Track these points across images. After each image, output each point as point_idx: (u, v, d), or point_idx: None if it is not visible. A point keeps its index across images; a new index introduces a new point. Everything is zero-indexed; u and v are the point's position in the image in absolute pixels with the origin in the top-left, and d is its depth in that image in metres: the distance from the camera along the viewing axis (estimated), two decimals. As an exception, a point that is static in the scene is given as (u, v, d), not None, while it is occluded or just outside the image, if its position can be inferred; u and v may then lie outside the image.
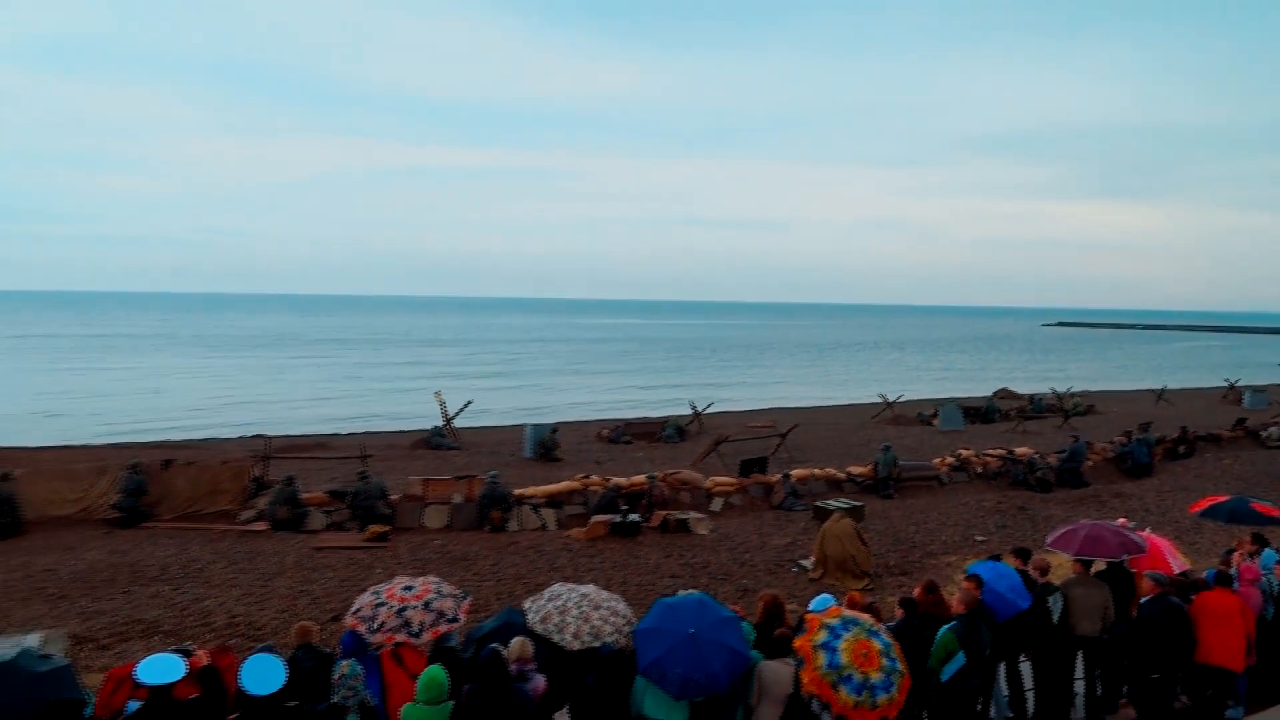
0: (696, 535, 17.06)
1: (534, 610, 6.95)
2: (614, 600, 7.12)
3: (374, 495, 17.52)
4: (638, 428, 34.94)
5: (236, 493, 18.16)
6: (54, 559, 14.36)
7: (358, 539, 16.26)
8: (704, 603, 6.95)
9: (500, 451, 29.55)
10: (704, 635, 6.51)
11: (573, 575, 13.61)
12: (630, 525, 16.91)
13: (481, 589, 13.10)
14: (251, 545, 15.68)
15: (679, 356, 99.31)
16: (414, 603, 7.01)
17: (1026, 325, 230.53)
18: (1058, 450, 24.36)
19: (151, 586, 13.01)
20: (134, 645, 10.57)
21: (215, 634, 10.91)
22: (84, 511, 17.12)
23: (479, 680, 5.92)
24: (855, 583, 13.65)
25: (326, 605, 12.16)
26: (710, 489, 20.22)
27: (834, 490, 21.40)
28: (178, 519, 17.26)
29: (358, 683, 5.95)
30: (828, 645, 6.42)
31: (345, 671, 5.99)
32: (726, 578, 14.19)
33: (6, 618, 11.50)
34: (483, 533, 17.19)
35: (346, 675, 6.00)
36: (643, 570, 14.52)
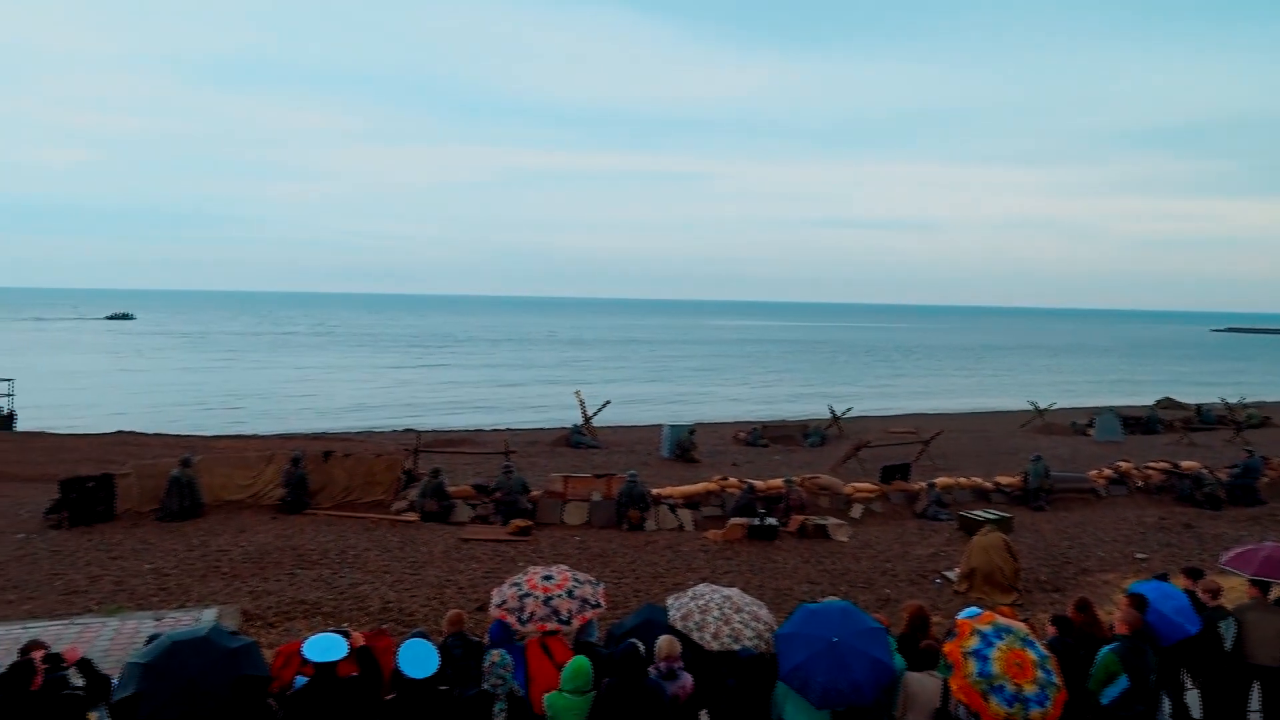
0: (835, 541, 16.78)
1: (676, 607, 7.01)
2: (756, 605, 7.10)
3: (516, 490, 18.04)
4: (775, 430, 34.65)
5: (389, 484, 19.03)
6: (227, 540, 15.41)
7: (502, 532, 16.78)
8: (848, 611, 6.84)
9: (638, 451, 29.86)
10: (847, 644, 6.40)
11: (709, 576, 13.63)
12: (767, 529, 16.80)
13: (620, 586, 13.29)
14: (403, 534, 16.41)
15: (816, 360, 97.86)
16: (558, 591, 7.19)
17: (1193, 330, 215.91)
18: (1228, 465, 22.70)
19: (313, 570, 13.79)
20: (297, 624, 11.22)
21: (370, 618, 11.47)
22: (254, 497, 18.31)
23: (617, 674, 6.03)
24: (1004, 597, 13.12)
25: (472, 595, 12.59)
26: (850, 495, 19.85)
27: (980, 500, 20.64)
28: (335, 507, 18.22)
29: (507, 672, 6.14)
30: (979, 653, 6.20)
31: (496, 660, 6.19)
32: (867, 586, 13.90)
33: (187, 593, 12.44)
34: (620, 531, 17.43)
35: (497, 664, 6.20)
36: (780, 575, 14.40)
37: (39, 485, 19.91)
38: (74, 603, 11.92)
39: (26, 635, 8.80)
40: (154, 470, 17.60)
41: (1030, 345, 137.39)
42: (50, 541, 15.04)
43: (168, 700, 5.47)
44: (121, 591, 12.44)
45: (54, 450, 25.43)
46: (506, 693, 6.10)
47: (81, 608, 11.69)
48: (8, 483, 20.79)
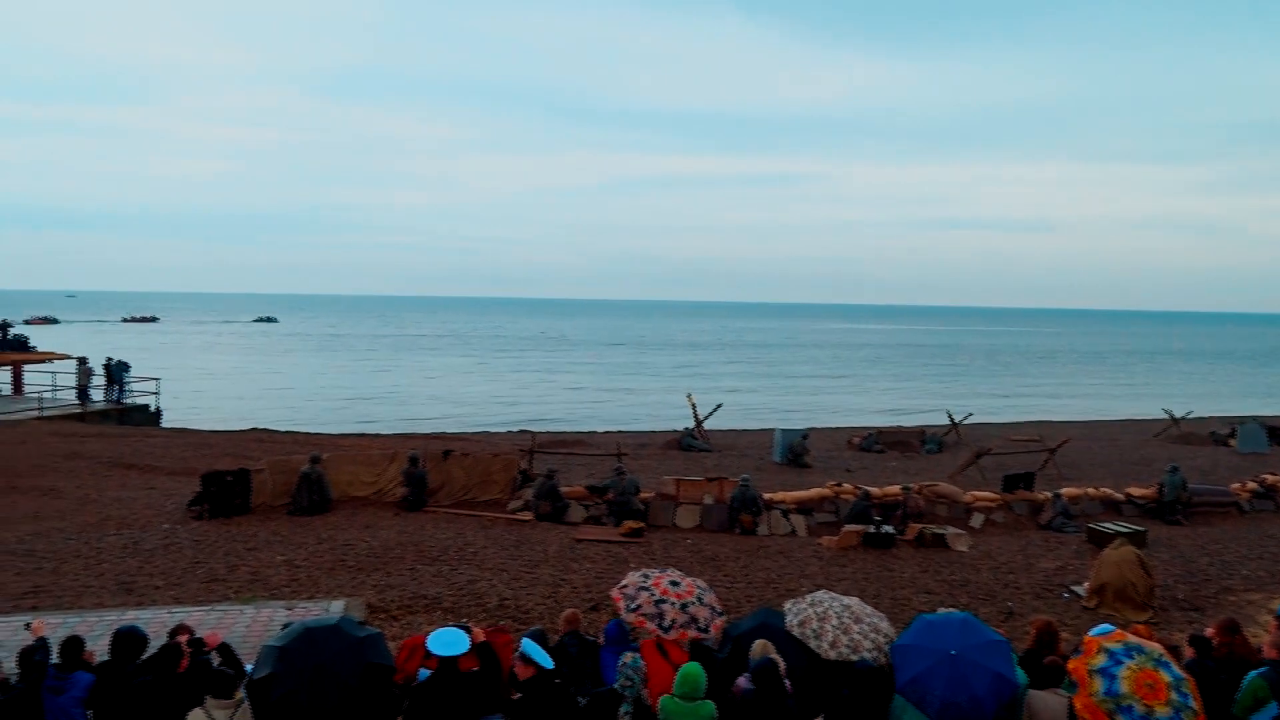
0: (955, 551, 16.31)
1: (794, 612, 6.94)
2: (877, 617, 6.97)
3: (629, 492, 18.18)
4: (891, 436, 33.87)
5: (505, 484, 19.47)
6: (353, 535, 16.03)
7: (614, 533, 16.94)
8: (969, 623, 6.65)
9: (749, 455, 29.68)
10: (967, 657, 6.22)
11: (824, 583, 13.44)
12: (884, 537, 16.46)
13: (732, 591, 13.23)
14: (518, 533, 16.75)
15: (933, 364, 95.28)
16: (674, 599, 7.22)
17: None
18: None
19: (433, 566, 14.21)
20: (419, 618, 11.58)
21: (488, 614, 11.74)
22: (377, 494, 19.00)
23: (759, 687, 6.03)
24: (1137, 614, 12.50)
25: (586, 595, 12.75)
26: (970, 503, 19.26)
27: (1111, 512, 19.73)
28: (454, 505, 18.75)
29: (637, 675, 6.20)
30: (1106, 671, 5.93)
31: (628, 662, 6.27)
32: (988, 598, 13.45)
33: (316, 584, 13.00)
34: (732, 535, 17.37)
35: (629, 665, 6.27)
36: (896, 584, 14.08)
37: (183, 478, 21.16)
38: (214, 590, 12.60)
39: (173, 620, 9.36)
40: (286, 466, 18.48)
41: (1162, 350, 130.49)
42: (192, 532, 15.95)
43: (299, 682, 5.75)
44: (257, 581, 13.09)
45: (196, 445, 26.95)
46: (635, 695, 6.17)
47: (221, 595, 12.35)
48: (155, 475, 22.15)
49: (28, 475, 20.58)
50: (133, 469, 22.64)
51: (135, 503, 18.31)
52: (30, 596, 12.02)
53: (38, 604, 11.62)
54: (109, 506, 17.85)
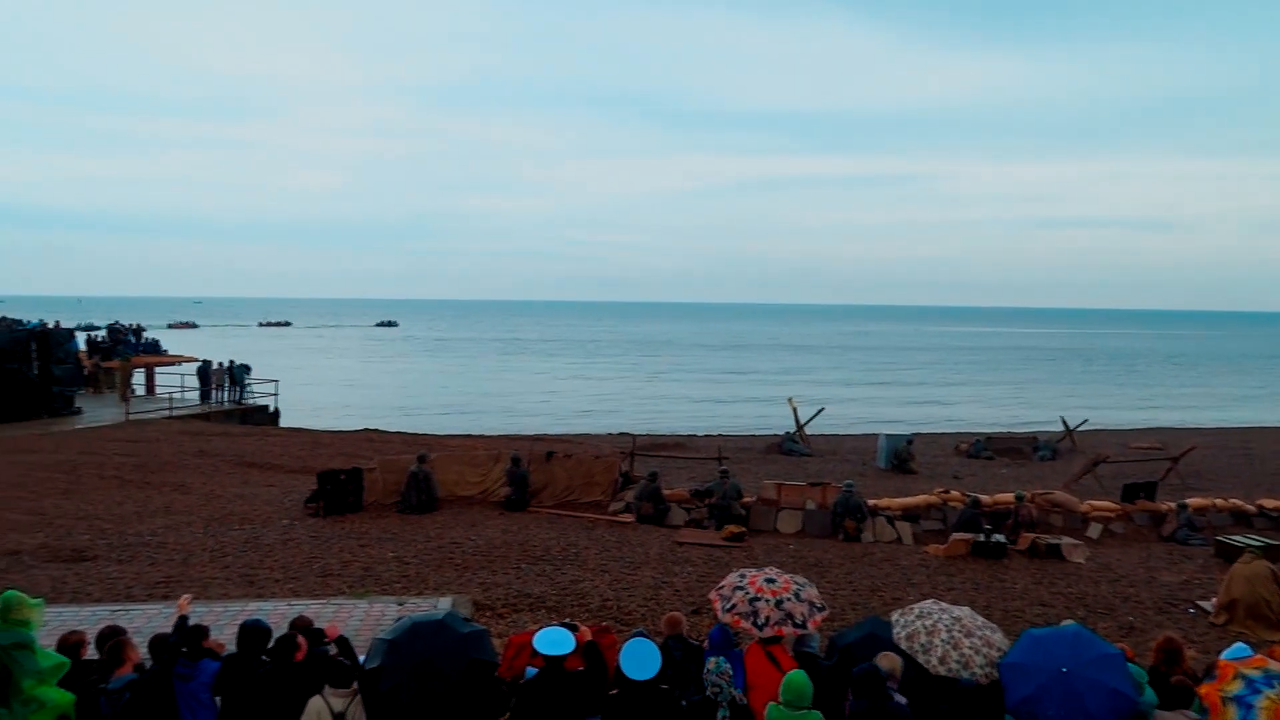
0: (1071, 563, 15.68)
1: (901, 625, 6.77)
2: (989, 629, 6.71)
3: (731, 496, 18.10)
4: (1000, 442, 32.84)
5: (607, 485, 19.62)
6: (459, 534, 16.42)
7: (716, 537, 16.89)
8: (1080, 636, 6.32)
9: (852, 460, 29.21)
10: (1079, 673, 5.92)
11: (930, 592, 13.10)
12: (995, 546, 15.95)
13: (836, 598, 13.02)
14: (620, 535, 16.86)
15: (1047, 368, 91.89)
16: (769, 596, 7.14)
17: None
18: None
19: (537, 565, 14.43)
20: (523, 616, 11.77)
21: (590, 614, 11.84)
22: (482, 494, 19.41)
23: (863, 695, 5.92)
24: (1271, 633, 11.79)
25: (688, 598, 12.74)
26: (1087, 513, 18.50)
27: (1241, 525, 18.64)
28: (556, 506, 19.00)
29: (724, 680, 6.16)
30: (1241, 700, 5.59)
31: (712, 667, 6.24)
32: (1107, 613, 12.89)
33: (425, 581, 13.36)
34: (835, 541, 17.11)
35: (713, 671, 6.25)
36: (1008, 595, 13.62)
37: (299, 476, 22.04)
38: (329, 584, 13.08)
39: (292, 612, 9.76)
40: (395, 465, 19.05)
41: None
42: (309, 528, 16.59)
43: (407, 675, 5.93)
44: (369, 576, 13.53)
45: (311, 444, 28.03)
46: (728, 700, 6.13)
47: (336, 590, 12.81)
48: (275, 473, 23.13)
49: (160, 471, 21.76)
50: (254, 467, 23.70)
51: (256, 499, 19.16)
52: (162, 586, 12.71)
53: (169, 594, 12.26)
54: (232, 502, 18.74)
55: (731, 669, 6.45)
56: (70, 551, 14.49)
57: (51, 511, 17.31)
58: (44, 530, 15.84)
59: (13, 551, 14.35)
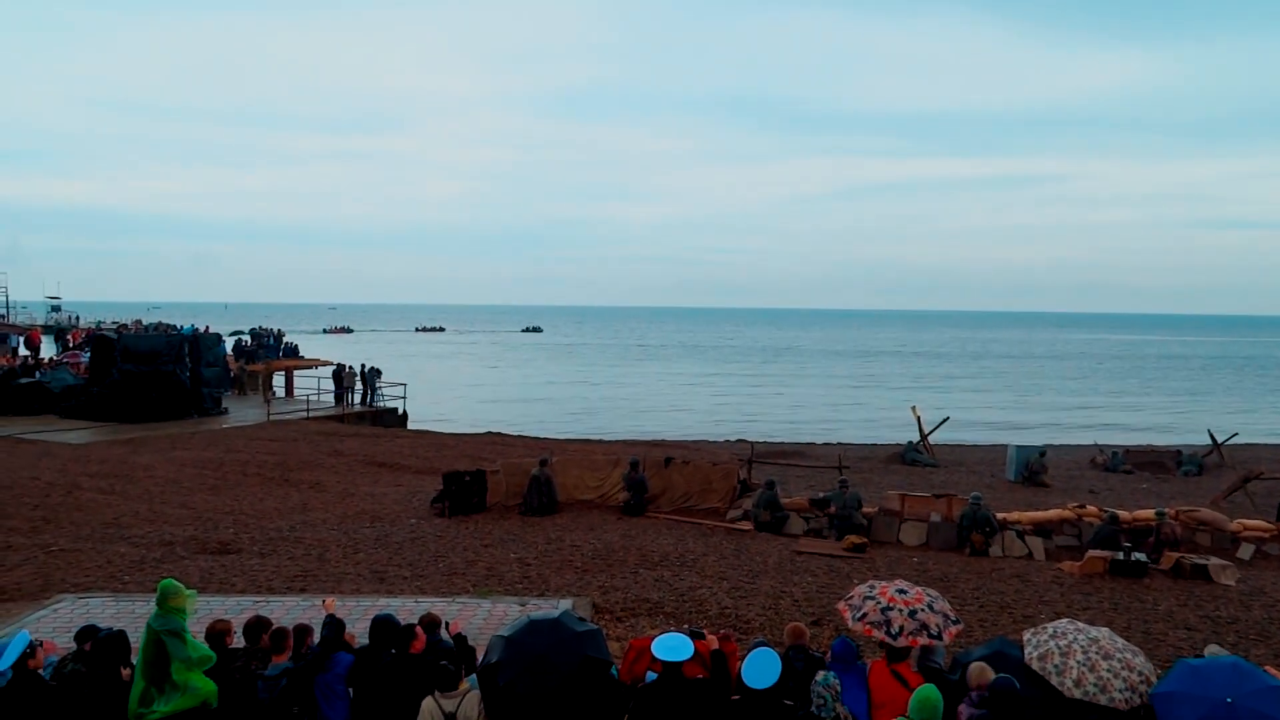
0: (1219, 585, 14.71)
1: (1034, 644, 6.48)
2: (1130, 652, 6.35)
3: (851, 505, 17.75)
4: (1141, 456, 31.16)
5: (725, 492, 19.55)
6: (579, 537, 16.64)
7: (836, 547, 16.59)
8: (1240, 667, 5.95)
9: (979, 472, 28.24)
10: (1244, 704, 5.57)
11: (1065, 611, 12.51)
12: (1135, 565, 15.11)
13: (964, 614, 12.57)
14: (737, 542, 16.76)
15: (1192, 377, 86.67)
16: (902, 606, 6.98)
17: None
18: None
19: (655, 570, 14.48)
20: (641, 621, 11.83)
21: (708, 621, 11.79)
22: (601, 498, 19.64)
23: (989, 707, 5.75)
24: None
25: (808, 608, 12.55)
26: (1237, 532, 17.36)
27: None
28: (674, 512, 19.04)
29: (829, 693, 6.02)
30: None
31: (820, 679, 6.12)
32: (1261, 639, 12.04)
33: (546, 583, 13.59)
34: (962, 555, 16.56)
35: (820, 683, 6.12)
36: (1150, 617, 12.88)
37: (426, 477, 22.79)
38: (454, 583, 13.46)
39: (420, 609, 10.08)
40: (518, 468, 19.48)
41: None
42: (435, 527, 17.13)
43: (522, 670, 6.09)
44: (492, 576, 13.86)
45: (437, 446, 28.96)
46: (832, 715, 5.99)
47: (460, 588, 13.17)
48: (403, 473, 24.00)
49: (298, 470, 22.88)
50: (384, 467, 24.65)
51: (385, 498, 19.92)
52: (299, 580, 13.34)
53: (306, 587, 12.87)
54: (363, 501, 19.53)
55: (840, 683, 6.31)
56: (217, 544, 15.40)
57: (200, 506, 18.43)
58: (194, 524, 16.87)
59: (167, 543, 15.35)
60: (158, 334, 36.57)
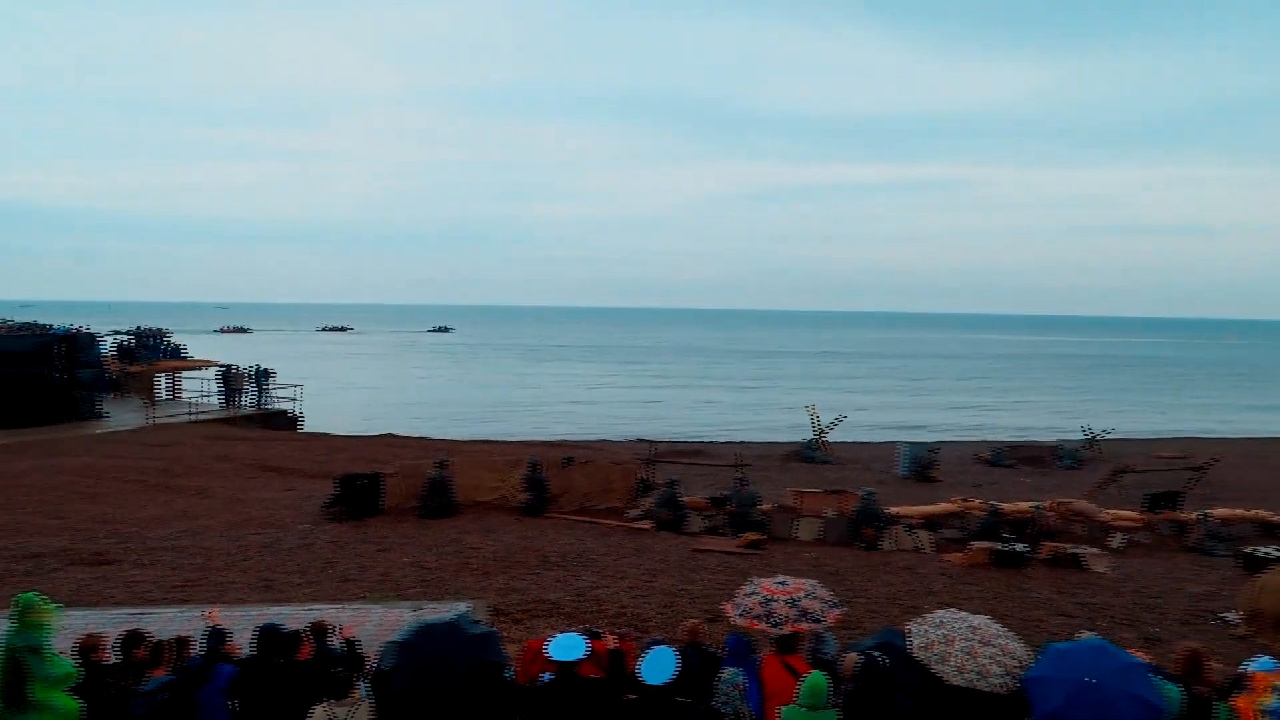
0: (1093, 573, 15.51)
1: (918, 634, 6.70)
2: (1008, 638, 6.62)
3: (749, 503, 18.04)
4: (1022, 451, 32.61)
5: (625, 492, 19.61)
6: (478, 539, 16.43)
7: (734, 544, 16.82)
8: (1103, 648, 6.30)
9: (873, 468, 29.05)
10: (1107, 683, 5.89)
11: (950, 601, 12.97)
12: (1015, 555, 15.79)
13: (855, 607, 12.90)
14: (637, 541, 16.83)
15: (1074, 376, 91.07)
16: (782, 596, 7.12)
17: None
18: None
19: (554, 571, 14.41)
20: (540, 622, 11.74)
21: (607, 621, 11.78)
22: (501, 499, 19.44)
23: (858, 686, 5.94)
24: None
25: (705, 605, 12.65)
26: (1109, 523, 18.31)
27: (1267, 537, 18.39)
28: (574, 512, 19.00)
29: (736, 691, 6.12)
30: (1275, 713, 5.52)
31: (726, 677, 6.21)
32: (1130, 623, 12.72)
33: (443, 586, 13.37)
34: (854, 549, 17.00)
35: (726, 680, 6.21)
36: (1029, 605, 13.47)
37: (319, 481, 22.17)
38: (347, 589, 13.12)
39: (310, 616, 9.79)
40: (415, 470, 19.13)
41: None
42: (328, 533, 16.68)
43: (415, 676, 6.02)
44: (387, 581, 13.56)
45: (331, 449, 28.22)
46: (734, 712, 6.09)
47: (354, 594, 12.85)
48: (295, 477, 23.31)
49: (182, 475, 21.98)
50: (274, 471, 23.89)
51: (276, 503, 19.30)
52: (181, 590, 12.81)
53: (188, 597, 12.36)
54: (252, 507, 18.88)
55: (747, 682, 6.41)
56: (92, 555, 14.64)
57: (74, 515, 17.51)
58: (66, 534, 16.02)
59: (36, 555, 14.52)
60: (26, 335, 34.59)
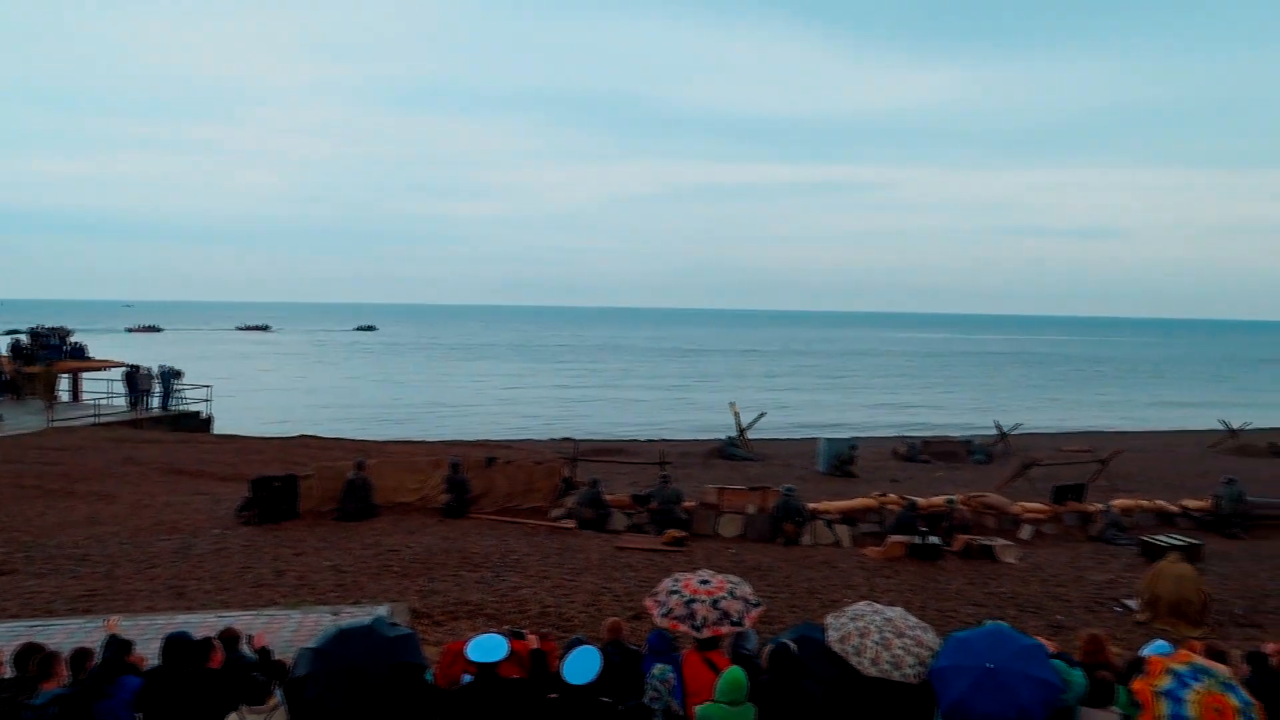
0: (1003, 563, 16.02)
1: (834, 627, 6.83)
2: (920, 629, 6.81)
3: (672, 500, 18.14)
4: (937, 446, 33.50)
5: (548, 491, 19.52)
6: (398, 541, 16.17)
7: (657, 542, 16.90)
8: (1000, 633, 6.54)
9: (794, 465, 29.49)
10: (1005, 666, 6.12)
11: (868, 594, 13.26)
12: (930, 548, 16.22)
13: (775, 601, 13.11)
14: (560, 541, 16.77)
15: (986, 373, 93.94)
16: (704, 597, 7.16)
17: None
18: None
19: (476, 572, 14.28)
20: (462, 624, 11.63)
21: (530, 621, 11.74)
22: (422, 500, 19.15)
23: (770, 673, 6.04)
24: (1191, 630, 12.16)
25: (628, 603, 12.70)
26: (1018, 515, 18.92)
27: (1165, 525, 19.25)
28: (497, 512, 18.84)
29: (665, 687, 6.15)
30: (1172, 694, 5.76)
31: (656, 673, 6.23)
32: (1037, 611, 13.19)
33: (362, 589, 13.13)
34: (776, 545, 17.24)
35: (656, 676, 6.24)
36: (943, 596, 13.86)
37: (232, 484, 21.53)
38: (262, 595, 12.78)
39: (221, 624, 9.51)
40: (333, 472, 18.72)
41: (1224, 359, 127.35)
42: (241, 537, 16.21)
43: (331, 682, 5.89)
44: (304, 586, 13.25)
45: (245, 451, 27.43)
46: (664, 707, 6.12)
47: (268, 600, 12.52)
48: (206, 481, 22.59)
49: (85, 480, 21.09)
50: (184, 474, 23.11)
51: (186, 508, 18.67)
52: (84, 600, 12.30)
53: (91, 608, 11.88)
54: (161, 511, 18.23)
55: (676, 679, 6.45)
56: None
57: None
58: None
59: (-75, 565, 13.79)
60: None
